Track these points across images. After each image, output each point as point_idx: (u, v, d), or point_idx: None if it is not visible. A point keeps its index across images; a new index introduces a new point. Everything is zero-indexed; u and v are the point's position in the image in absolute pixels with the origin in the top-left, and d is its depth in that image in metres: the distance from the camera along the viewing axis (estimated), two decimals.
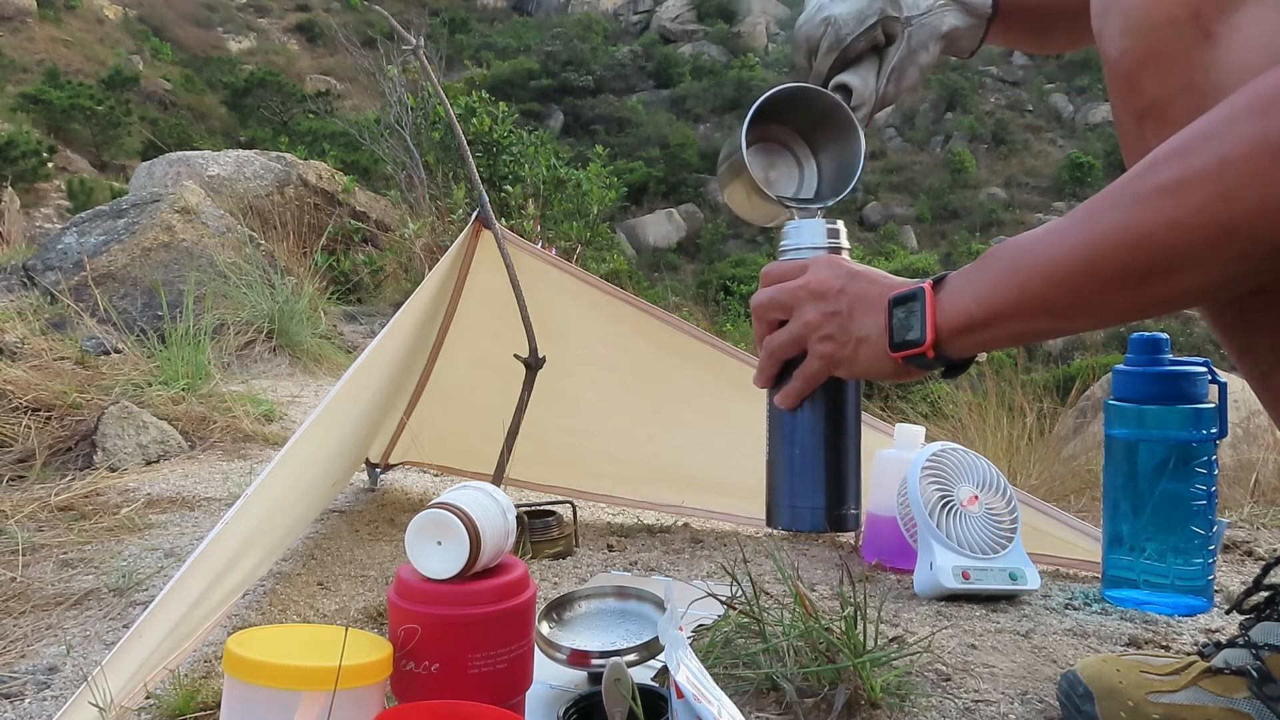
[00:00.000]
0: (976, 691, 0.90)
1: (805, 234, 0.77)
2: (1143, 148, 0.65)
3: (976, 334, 0.65)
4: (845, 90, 0.83)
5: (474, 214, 1.56)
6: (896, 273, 0.73)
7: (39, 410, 2.11)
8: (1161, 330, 1.19)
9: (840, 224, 0.77)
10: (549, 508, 1.50)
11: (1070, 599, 1.22)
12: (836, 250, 0.76)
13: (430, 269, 1.51)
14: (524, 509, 1.48)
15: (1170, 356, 1.15)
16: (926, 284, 0.67)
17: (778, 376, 0.76)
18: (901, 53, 0.83)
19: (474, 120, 7.02)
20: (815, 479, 0.76)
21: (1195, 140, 0.54)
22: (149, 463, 2.00)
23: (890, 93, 0.83)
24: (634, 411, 1.65)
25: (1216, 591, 1.18)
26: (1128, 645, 1.05)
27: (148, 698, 0.85)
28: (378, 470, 1.86)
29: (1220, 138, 0.53)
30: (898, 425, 1.38)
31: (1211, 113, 0.54)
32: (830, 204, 0.81)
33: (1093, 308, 0.60)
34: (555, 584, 1.29)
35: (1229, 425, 1.15)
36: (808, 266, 0.73)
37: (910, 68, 0.83)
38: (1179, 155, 0.55)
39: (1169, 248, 0.55)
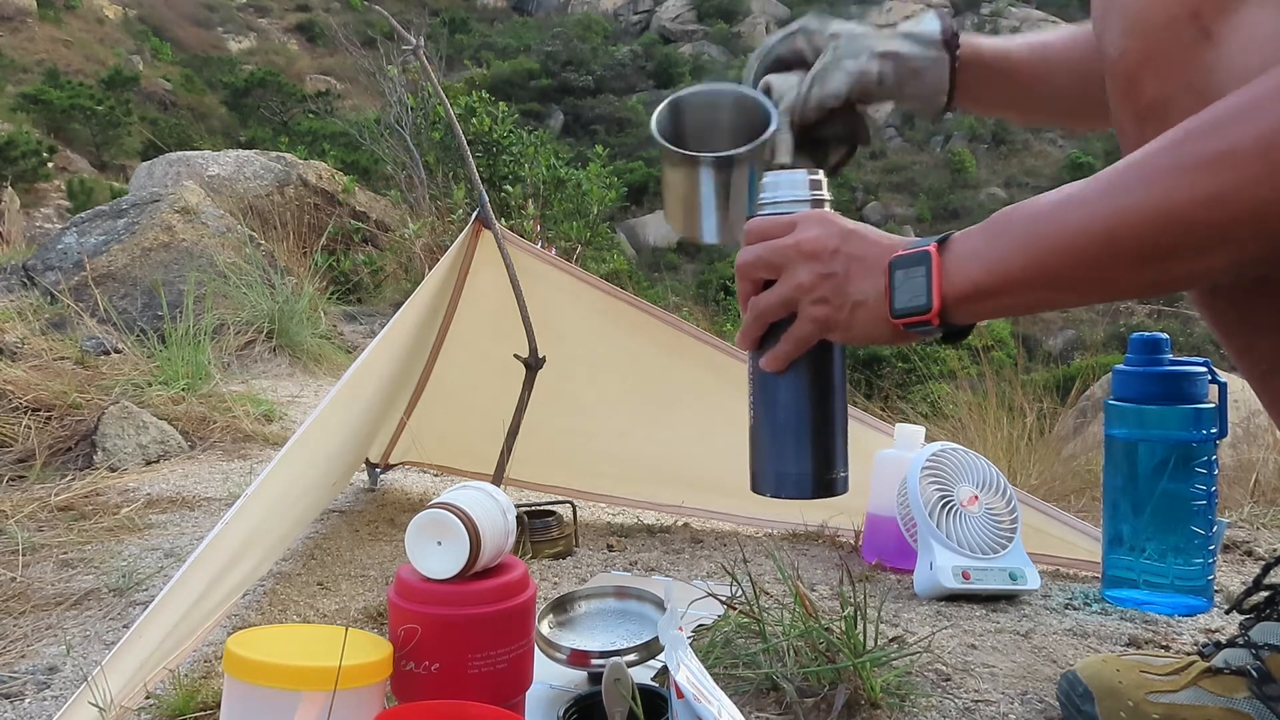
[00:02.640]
0: (976, 691, 0.90)
1: (784, 185, 0.73)
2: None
3: (985, 302, 0.63)
4: (768, 90, 0.82)
5: (474, 214, 1.56)
6: None
7: (39, 410, 2.11)
8: (1161, 330, 1.19)
9: (821, 174, 0.74)
10: (549, 508, 1.50)
11: (1070, 599, 1.22)
12: (820, 203, 0.73)
13: (430, 269, 1.51)
14: (524, 509, 1.48)
15: (1170, 356, 1.15)
16: (931, 246, 0.64)
17: (762, 339, 0.73)
18: (826, 60, 0.81)
19: (474, 120, 7.01)
20: (802, 443, 0.72)
21: (1235, 115, 0.53)
22: (149, 463, 2.00)
23: (814, 94, 0.80)
24: (634, 411, 1.65)
25: (1216, 591, 1.18)
26: (1128, 645, 1.05)
27: (148, 698, 0.85)
28: (378, 470, 1.86)
29: (1263, 113, 0.51)
30: (898, 425, 1.38)
31: (1249, 88, 0.53)
32: (740, 152, 0.78)
33: (1110, 282, 0.58)
34: (555, 584, 1.28)
35: (1229, 425, 1.15)
36: (797, 223, 0.70)
37: (835, 72, 0.80)
38: (1218, 130, 0.53)
39: (1205, 225, 0.53)
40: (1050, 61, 0.84)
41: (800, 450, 0.72)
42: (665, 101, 0.83)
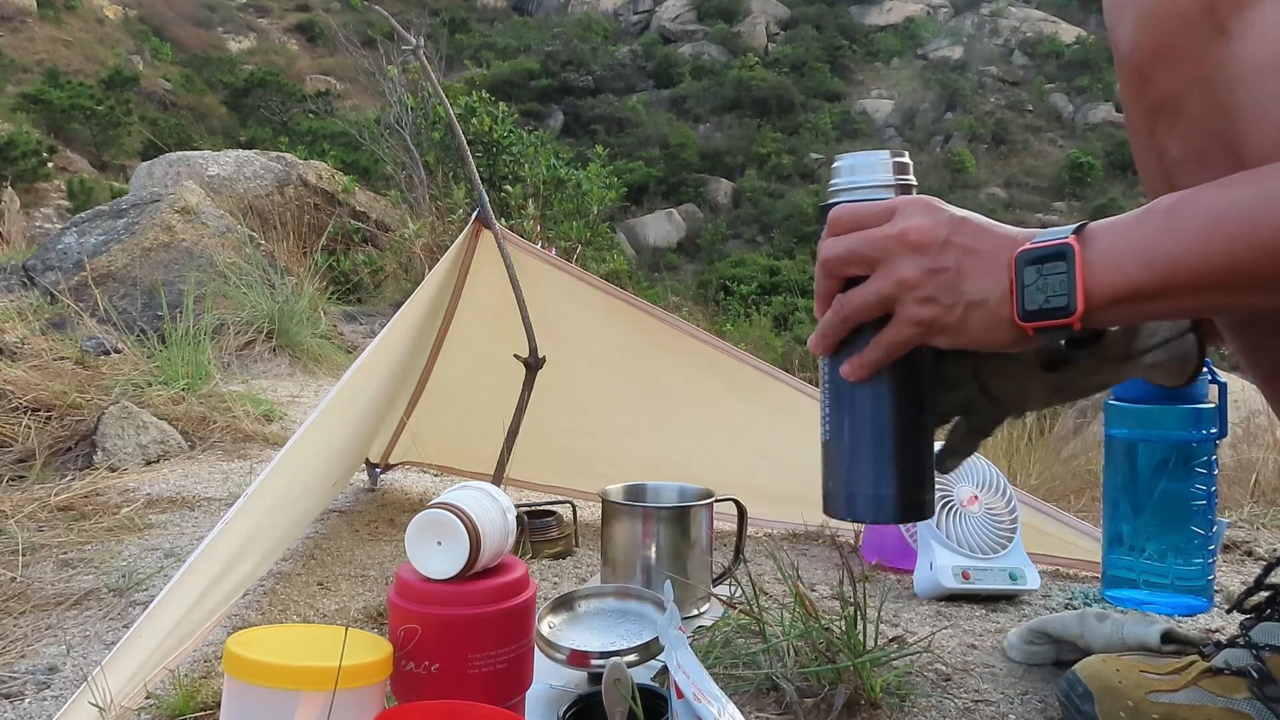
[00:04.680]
0: (976, 691, 0.90)
1: (864, 169, 0.64)
2: (1153, 143, 0.64)
3: (1141, 305, 0.55)
4: None
5: (474, 214, 1.56)
6: None
7: (39, 410, 2.11)
8: None
9: (907, 155, 0.66)
10: (549, 508, 1.50)
11: (1070, 599, 1.22)
12: (907, 188, 0.65)
13: (430, 269, 1.50)
14: (524, 509, 1.48)
15: None
16: (1070, 238, 0.56)
17: (844, 342, 0.64)
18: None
19: (474, 120, 7.02)
20: (886, 462, 0.64)
21: None
22: (149, 463, 2.00)
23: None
24: (634, 411, 1.65)
25: (1216, 591, 1.18)
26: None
27: (148, 698, 0.85)
28: (378, 470, 1.86)
29: None
30: None
31: None
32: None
33: None
34: (555, 584, 1.29)
35: (1229, 425, 1.15)
36: (896, 209, 0.61)
37: None
38: None
39: None
40: None
41: (884, 469, 0.64)
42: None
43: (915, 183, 0.66)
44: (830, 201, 0.66)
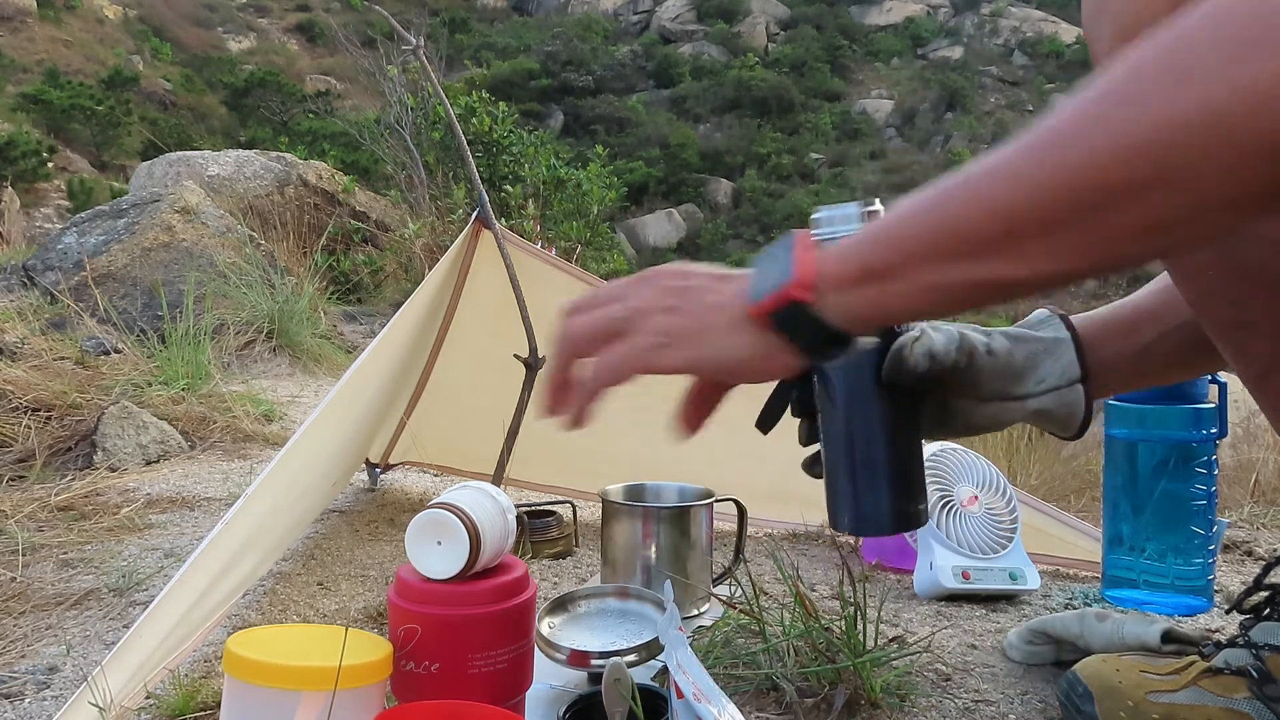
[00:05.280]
0: (976, 691, 0.90)
1: (840, 220, 0.65)
2: None
3: (877, 285, 0.51)
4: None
5: (474, 214, 1.56)
6: None
7: (39, 410, 2.11)
8: None
9: (878, 203, 0.65)
10: (549, 508, 1.50)
11: (1070, 599, 1.22)
12: None
13: (430, 269, 1.50)
14: (524, 509, 1.48)
15: None
16: (801, 232, 0.57)
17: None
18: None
19: (474, 120, 7.02)
20: (879, 479, 0.67)
21: (1191, 33, 0.43)
22: (149, 463, 2.00)
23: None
24: (634, 411, 1.64)
25: (1216, 591, 1.18)
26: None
27: (148, 698, 0.85)
28: (378, 470, 1.86)
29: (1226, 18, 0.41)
30: None
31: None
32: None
33: (1087, 227, 0.45)
34: (555, 584, 1.29)
35: (1229, 425, 1.16)
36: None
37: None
38: (1175, 50, 0.43)
39: (1166, 147, 0.42)
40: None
41: (877, 486, 0.67)
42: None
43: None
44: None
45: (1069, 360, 0.72)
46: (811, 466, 0.71)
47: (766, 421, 0.70)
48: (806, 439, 0.71)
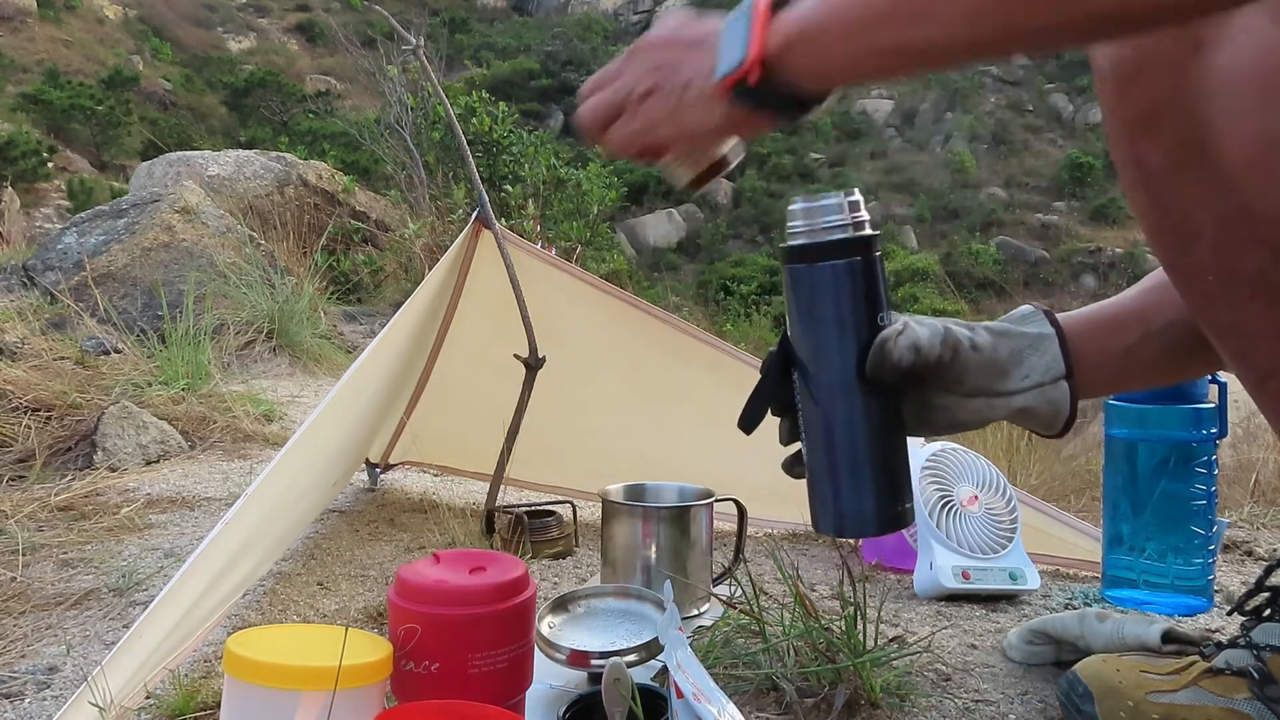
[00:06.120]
0: (976, 691, 0.90)
1: (818, 211, 0.66)
2: (1133, 154, 0.64)
3: (821, 43, 0.55)
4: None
5: (474, 214, 1.56)
6: (896, 274, 0.68)
7: (39, 410, 2.11)
8: None
9: (858, 193, 0.68)
10: (549, 508, 1.50)
11: (1070, 599, 1.22)
12: (860, 225, 0.66)
13: (430, 269, 1.50)
14: (524, 509, 1.48)
15: None
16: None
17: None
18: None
19: (474, 120, 7.02)
20: (862, 480, 0.67)
21: None
22: (149, 463, 2.00)
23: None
24: (634, 411, 1.65)
25: (1216, 591, 1.18)
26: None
27: (148, 698, 0.85)
28: (378, 470, 1.86)
29: None
30: None
31: None
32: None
33: None
34: (555, 584, 1.29)
35: (1229, 425, 1.16)
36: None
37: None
38: None
39: None
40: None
41: (861, 487, 0.67)
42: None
43: (868, 217, 0.68)
44: (791, 244, 0.68)
45: (1053, 356, 0.72)
46: (793, 467, 0.71)
47: (749, 420, 0.70)
48: (788, 438, 0.71)
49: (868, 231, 0.67)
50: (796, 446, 0.70)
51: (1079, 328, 0.75)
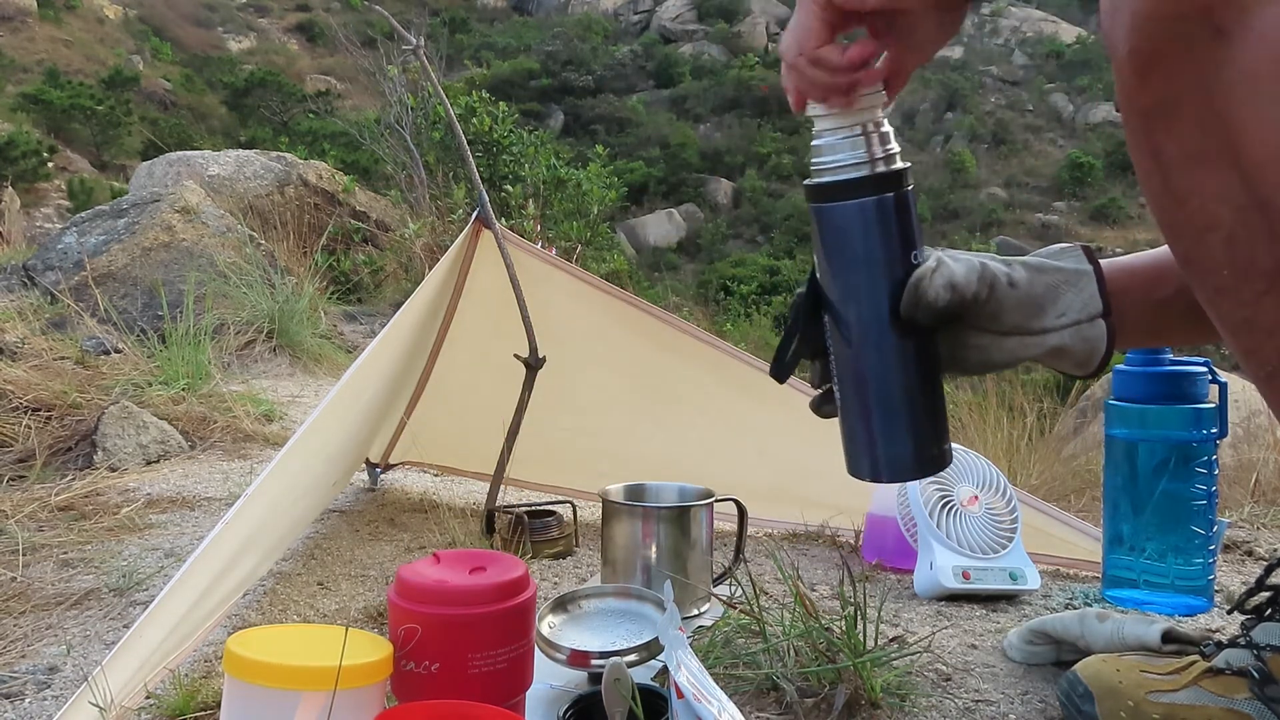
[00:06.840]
0: (976, 691, 0.90)
1: (843, 146, 0.63)
2: (1150, 145, 0.64)
3: None
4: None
5: (474, 214, 1.56)
6: None
7: (39, 410, 2.11)
8: None
9: (887, 124, 0.64)
10: (549, 508, 1.50)
11: (1070, 599, 1.22)
12: (891, 159, 0.63)
13: (430, 269, 1.50)
14: (524, 509, 1.48)
15: (1170, 356, 1.15)
16: None
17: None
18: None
19: (474, 120, 7.01)
20: (899, 419, 0.64)
21: None
22: (149, 463, 2.00)
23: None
24: (634, 411, 1.65)
25: (1216, 591, 1.18)
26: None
27: (148, 698, 0.85)
28: (378, 470, 1.86)
29: None
30: None
31: None
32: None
33: None
34: (555, 584, 1.29)
35: (1229, 425, 1.15)
36: None
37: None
38: None
39: None
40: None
41: (896, 428, 0.64)
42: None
43: (898, 149, 0.64)
44: (817, 181, 0.65)
45: (1090, 293, 0.69)
46: (821, 405, 0.69)
47: (780, 366, 0.68)
48: (819, 380, 0.68)
49: (899, 165, 0.63)
50: (826, 386, 0.68)
51: (1119, 272, 0.73)
